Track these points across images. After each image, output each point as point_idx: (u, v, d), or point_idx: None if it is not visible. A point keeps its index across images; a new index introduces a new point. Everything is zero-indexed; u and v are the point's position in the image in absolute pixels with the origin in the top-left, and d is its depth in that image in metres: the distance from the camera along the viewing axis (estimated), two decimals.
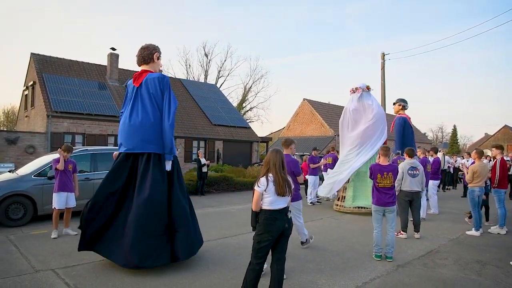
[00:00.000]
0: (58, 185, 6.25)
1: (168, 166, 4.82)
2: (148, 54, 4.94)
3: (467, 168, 7.43)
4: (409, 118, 10.21)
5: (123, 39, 79.82)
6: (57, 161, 6.27)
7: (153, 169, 4.67)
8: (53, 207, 6.26)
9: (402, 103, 10.31)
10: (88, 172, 8.24)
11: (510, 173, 7.01)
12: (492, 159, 10.01)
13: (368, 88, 9.50)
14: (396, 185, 6.36)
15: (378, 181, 5.25)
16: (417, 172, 6.50)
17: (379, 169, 5.30)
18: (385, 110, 20.24)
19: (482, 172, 6.92)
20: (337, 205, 9.52)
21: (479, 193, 6.97)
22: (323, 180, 10.64)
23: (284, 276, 3.90)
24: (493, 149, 7.34)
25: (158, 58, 5.03)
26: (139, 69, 5.06)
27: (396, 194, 6.42)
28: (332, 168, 10.20)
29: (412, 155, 6.70)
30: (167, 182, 4.79)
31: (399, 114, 10.34)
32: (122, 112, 5.08)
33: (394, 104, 10.43)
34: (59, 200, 6.25)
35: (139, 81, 4.86)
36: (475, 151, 7.25)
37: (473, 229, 7.00)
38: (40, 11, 76.40)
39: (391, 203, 5.25)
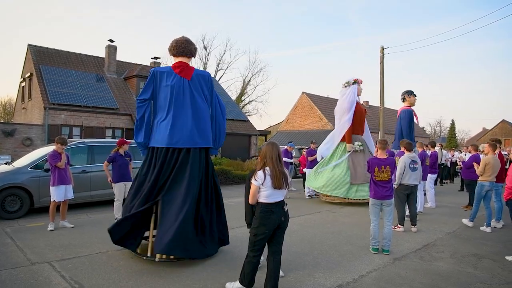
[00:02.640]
0: (57, 178, 6.22)
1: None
2: (194, 49, 5.03)
3: (461, 161, 7.37)
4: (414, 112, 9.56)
5: (121, 31, 79.26)
6: (53, 156, 6.21)
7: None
8: (52, 200, 6.23)
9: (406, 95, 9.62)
10: (85, 165, 8.22)
11: (507, 167, 6.91)
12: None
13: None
14: (396, 178, 6.35)
15: (376, 174, 5.23)
16: (417, 166, 6.48)
17: (377, 162, 5.28)
18: (383, 103, 20.17)
19: (494, 165, 6.64)
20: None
21: (488, 187, 6.72)
22: None
23: (282, 274, 3.89)
24: (485, 146, 7.03)
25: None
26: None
27: (395, 187, 6.41)
28: None
29: (410, 148, 6.66)
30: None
31: (406, 106, 9.52)
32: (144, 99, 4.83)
33: (410, 96, 9.39)
34: (58, 193, 6.23)
35: (189, 74, 4.82)
36: (488, 144, 6.93)
37: (469, 218, 7.05)
38: (38, 3, 75.68)
39: (389, 196, 5.24)
